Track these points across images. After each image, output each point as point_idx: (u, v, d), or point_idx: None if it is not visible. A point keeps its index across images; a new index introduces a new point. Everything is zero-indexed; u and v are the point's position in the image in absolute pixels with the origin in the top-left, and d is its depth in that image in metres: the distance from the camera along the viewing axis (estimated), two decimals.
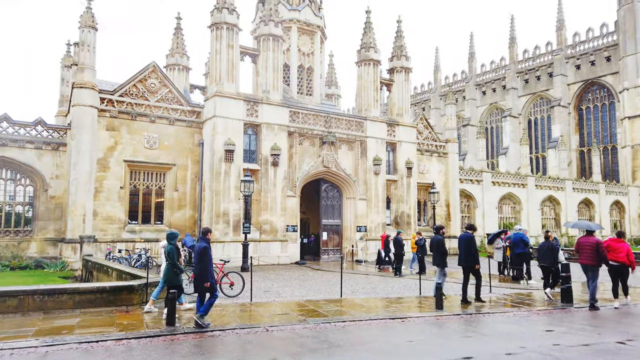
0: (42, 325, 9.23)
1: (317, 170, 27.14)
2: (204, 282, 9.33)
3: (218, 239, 23.47)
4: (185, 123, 25.23)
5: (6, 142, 22.25)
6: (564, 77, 56.78)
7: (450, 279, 18.95)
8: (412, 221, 30.62)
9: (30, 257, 22.15)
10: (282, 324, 9.72)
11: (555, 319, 11.02)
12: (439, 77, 72.32)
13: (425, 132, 34.45)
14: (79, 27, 22.97)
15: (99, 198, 22.75)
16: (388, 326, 10.00)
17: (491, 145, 64.11)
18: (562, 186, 44.69)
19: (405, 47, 32.19)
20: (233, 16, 25.10)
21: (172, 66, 32.93)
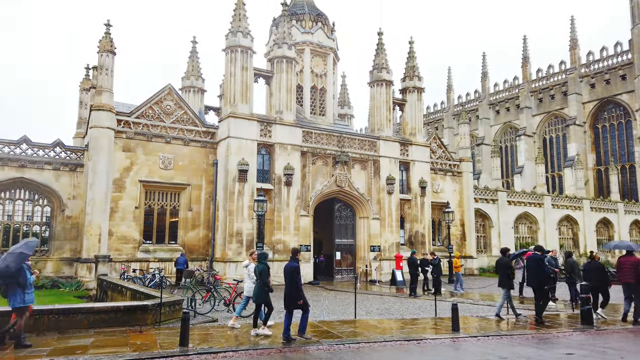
0: (56, 345, 9.26)
1: (330, 189, 27.14)
2: (296, 300, 9.93)
3: (231, 258, 23.47)
4: (200, 144, 25.54)
5: (25, 163, 22.71)
6: (578, 95, 56.37)
7: (466, 299, 18.64)
8: (427, 241, 30.30)
9: (47, 276, 22.33)
10: (295, 345, 9.61)
11: (575, 342, 10.72)
12: (452, 97, 72.35)
13: (438, 151, 34.35)
14: (97, 51, 23.58)
15: (114, 218, 22.99)
16: (403, 348, 9.82)
17: (506, 164, 63.57)
18: (579, 205, 43.96)
19: (417, 68, 32.39)
20: (247, 39, 25.58)
21: (188, 88, 33.51)
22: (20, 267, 8.86)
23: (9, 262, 8.76)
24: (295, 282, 9.94)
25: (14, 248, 9.23)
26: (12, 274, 8.76)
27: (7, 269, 8.72)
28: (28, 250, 9.14)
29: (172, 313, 12.25)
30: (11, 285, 8.85)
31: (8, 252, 9.10)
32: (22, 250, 9.01)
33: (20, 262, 8.86)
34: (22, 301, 8.96)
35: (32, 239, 9.72)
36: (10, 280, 8.81)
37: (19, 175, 22.55)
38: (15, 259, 8.83)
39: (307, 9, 31.60)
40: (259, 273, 10.47)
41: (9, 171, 22.36)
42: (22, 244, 9.37)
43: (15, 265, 8.76)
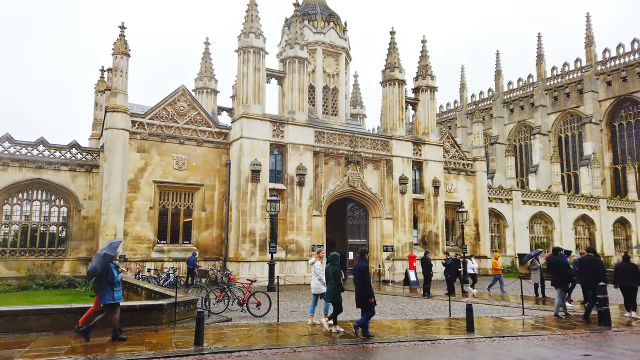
0: (74, 344, 9.39)
1: (342, 189, 27.12)
2: (368, 298, 10.37)
3: (245, 258, 23.59)
4: (213, 144, 25.71)
5: (42, 164, 23.07)
6: (594, 93, 55.52)
7: (480, 300, 18.49)
8: (440, 241, 30.11)
9: (63, 276, 22.67)
10: (309, 345, 9.63)
11: (592, 343, 10.56)
12: (465, 96, 71.76)
13: (452, 150, 34.11)
14: (112, 53, 23.87)
15: (129, 218, 23.25)
16: (417, 348, 9.78)
17: (520, 163, 62.85)
18: (596, 205, 43.31)
19: (430, 67, 32.22)
20: (259, 40, 25.68)
21: (201, 89, 33.75)
22: (106, 267, 9.63)
23: (95, 264, 9.57)
24: (365, 280, 10.49)
25: (100, 250, 9.93)
26: (100, 274, 9.56)
27: (94, 270, 9.56)
28: (111, 252, 9.84)
29: (187, 312, 12.35)
30: (101, 283, 9.64)
31: (96, 254, 9.88)
32: (106, 252, 9.72)
33: (105, 263, 9.61)
34: (112, 298, 9.72)
35: (115, 240, 10.34)
36: (99, 279, 9.61)
37: (36, 176, 22.92)
38: (100, 261, 9.58)
39: (319, 9, 31.61)
40: (333, 274, 11.10)
41: (26, 172, 22.73)
42: (107, 245, 10.03)
43: (100, 267, 9.52)
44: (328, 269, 11.27)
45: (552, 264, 14.32)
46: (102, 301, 9.71)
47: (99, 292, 9.75)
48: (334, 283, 11.04)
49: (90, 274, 9.67)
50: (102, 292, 9.67)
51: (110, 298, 9.66)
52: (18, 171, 22.57)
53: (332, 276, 11.06)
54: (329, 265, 11.29)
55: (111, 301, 9.68)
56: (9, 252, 22.37)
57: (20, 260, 22.29)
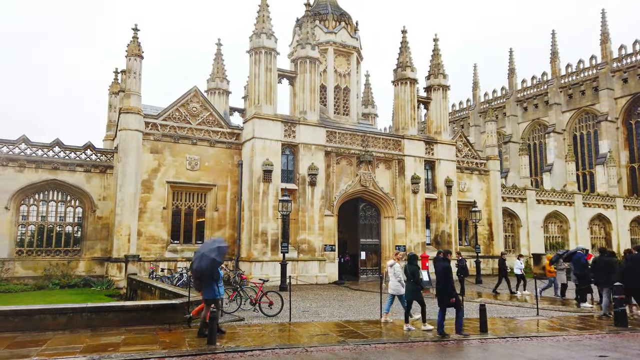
0: (89, 342, 9.52)
1: (354, 189, 27.09)
2: (450, 298, 10.73)
3: (257, 258, 23.68)
4: (225, 145, 25.86)
5: (58, 165, 23.41)
6: (610, 91, 54.64)
7: (494, 300, 18.33)
8: (453, 241, 29.91)
9: (79, 275, 22.98)
10: (321, 345, 9.64)
11: (608, 343, 10.41)
12: (478, 94, 71.11)
13: (464, 149, 33.86)
14: (126, 55, 24.14)
15: (143, 218, 23.48)
16: (430, 349, 9.73)
17: (534, 162, 62.09)
18: (612, 204, 42.64)
19: (442, 65, 32.02)
20: (271, 41, 25.75)
21: (213, 90, 33.95)
22: (212, 268, 10.32)
23: (204, 265, 10.21)
24: (448, 280, 10.84)
25: (208, 250, 10.49)
26: (208, 274, 10.24)
27: (201, 271, 10.23)
28: (220, 258, 10.51)
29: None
30: (206, 280, 10.31)
31: (202, 253, 10.43)
32: (214, 257, 10.33)
33: (214, 268, 10.37)
34: (214, 294, 10.43)
35: (223, 245, 10.88)
36: (205, 275, 10.26)
37: (52, 177, 23.26)
38: (210, 265, 10.24)
39: (331, 9, 31.60)
40: (411, 273, 11.47)
41: (42, 173, 23.08)
42: (215, 248, 10.55)
43: (208, 270, 10.23)
44: (406, 269, 11.72)
45: (600, 264, 14.10)
46: (205, 296, 10.36)
47: (203, 288, 10.37)
48: (413, 282, 11.47)
49: (197, 273, 10.32)
50: (207, 288, 10.33)
51: (212, 294, 10.35)
52: (34, 172, 22.93)
53: (411, 275, 11.49)
54: (407, 265, 11.76)
55: (213, 297, 10.36)
56: (26, 252, 22.74)
57: (37, 260, 22.65)
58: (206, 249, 10.57)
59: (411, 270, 11.53)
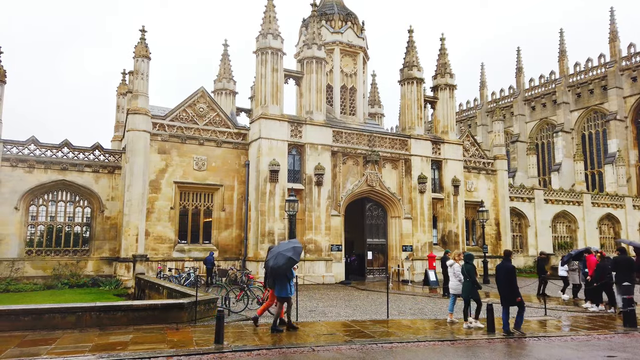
0: (98, 341, 9.61)
1: (361, 189, 27.07)
2: (515, 297, 11.05)
3: (263, 258, 23.63)
4: (232, 145, 25.95)
5: (67, 166, 23.62)
6: (619, 89, 54.15)
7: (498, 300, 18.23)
8: (460, 240, 29.80)
9: (87, 275, 23.17)
10: (328, 344, 9.66)
11: (617, 344, 10.34)
12: (485, 93, 70.75)
13: (472, 149, 33.73)
14: (133, 56, 24.30)
15: (150, 218, 23.63)
16: (437, 349, 9.72)
17: (542, 161, 61.68)
18: (621, 203, 42.28)
19: (449, 65, 31.92)
20: (277, 41, 25.81)
21: (220, 91, 34.07)
22: (289, 267, 10.85)
23: (281, 263, 10.70)
24: (511, 280, 11.12)
25: (284, 249, 11.03)
26: (282, 272, 10.74)
27: (278, 268, 10.69)
28: (297, 257, 11.01)
29: (207, 311, 12.51)
30: (280, 279, 10.84)
31: (279, 252, 10.94)
32: (291, 256, 10.82)
33: (290, 266, 10.87)
34: (289, 292, 10.97)
35: (298, 245, 11.43)
36: (279, 275, 10.78)
37: (61, 177, 23.47)
38: (287, 262, 10.74)
39: (337, 9, 31.60)
40: (467, 272, 11.83)
41: (51, 174, 23.30)
42: (290, 248, 11.10)
43: (285, 267, 10.75)
44: (463, 268, 12.06)
45: (621, 262, 13.99)
46: (280, 294, 10.87)
47: (276, 287, 10.89)
48: (469, 280, 11.80)
49: (273, 271, 10.78)
50: (280, 287, 10.86)
51: (286, 292, 10.87)
52: (43, 173, 23.15)
53: (467, 274, 11.84)
54: (463, 264, 12.12)
55: (286, 295, 10.88)
56: (35, 252, 22.97)
57: (46, 259, 22.86)
58: (282, 248, 11.09)
59: (467, 269, 11.94)
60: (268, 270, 11.16)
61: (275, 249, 11.30)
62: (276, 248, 11.35)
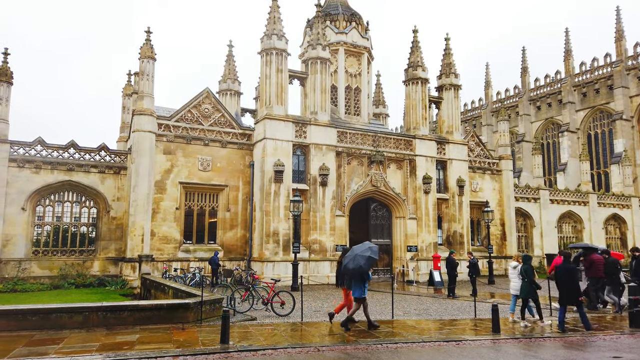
0: (105, 341, 9.68)
1: (365, 189, 27.08)
2: (578, 296, 11.68)
3: (269, 258, 23.80)
4: (237, 145, 26.02)
5: (73, 167, 23.76)
6: (625, 89, 53.87)
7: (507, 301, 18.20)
8: (465, 241, 29.76)
9: (93, 275, 23.30)
10: (333, 344, 9.69)
11: (623, 345, 10.31)
12: (490, 93, 70.53)
13: (477, 149, 33.66)
14: (139, 57, 24.41)
15: (156, 219, 23.73)
16: (442, 349, 9.72)
17: (548, 161, 61.42)
18: (627, 204, 42.06)
19: (454, 65, 31.87)
20: (282, 42, 25.86)
21: (224, 91, 34.18)
22: (369, 266, 11.19)
23: (362, 263, 11.05)
24: (574, 281, 11.65)
25: (361, 251, 11.40)
26: (363, 272, 11.11)
27: (360, 268, 11.04)
28: (375, 255, 11.36)
29: (213, 311, 12.56)
30: (358, 280, 11.21)
31: (357, 254, 11.32)
32: (370, 255, 11.21)
33: (371, 265, 11.24)
34: (364, 292, 11.33)
35: (374, 246, 11.72)
36: (357, 276, 11.15)
37: (67, 178, 23.62)
38: (367, 262, 11.10)
39: (341, 9, 31.62)
40: (525, 272, 12.23)
41: (58, 174, 23.45)
42: (367, 248, 11.47)
43: (366, 267, 11.11)
44: (521, 269, 12.45)
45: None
46: (356, 294, 11.25)
47: (353, 287, 11.27)
48: (527, 281, 12.20)
49: (353, 272, 11.11)
50: (357, 287, 11.23)
51: (361, 292, 11.24)
52: (50, 173, 23.30)
53: (525, 274, 12.24)
54: (522, 265, 12.52)
55: (361, 295, 11.24)
56: (42, 252, 23.12)
57: (53, 260, 23.01)
58: (358, 250, 11.40)
59: (525, 269, 12.31)
60: (347, 272, 11.46)
61: (351, 251, 11.68)
62: (353, 250, 11.70)
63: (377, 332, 11.20)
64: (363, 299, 11.41)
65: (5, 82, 22.86)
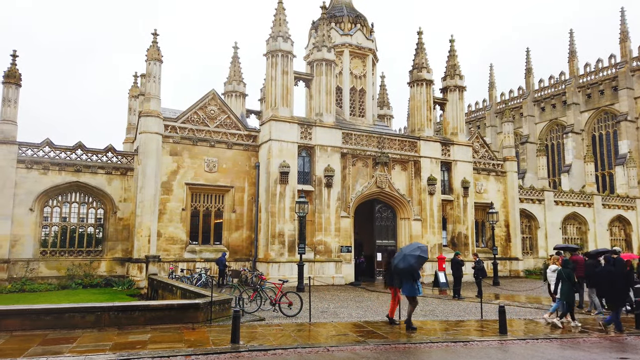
0: (117, 340, 9.82)
1: (370, 190, 27.17)
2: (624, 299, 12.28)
3: (274, 259, 23.92)
4: (242, 147, 26.17)
5: (80, 168, 23.95)
6: (630, 90, 53.78)
7: (512, 302, 18.27)
8: (470, 242, 29.81)
9: (100, 275, 23.48)
10: (341, 345, 9.80)
11: (630, 346, 10.38)
12: (494, 94, 70.49)
13: (481, 150, 33.71)
14: (145, 59, 24.59)
15: (162, 219, 23.89)
16: (450, 349, 9.82)
17: (552, 163, 61.33)
18: (632, 205, 42.01)
19: (458, 66, 31.94)
20: (287, 44, 26.00)
21: (230, 93, 34.34)
22: (419, 265, 11.55)
23: (412, 262, 11.37)
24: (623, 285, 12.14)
25: (410, 250, 11.61)
26: (414, 271, 11.45)
27: (410, 267, 11.37)
28: (425, 254, 11.68)
29: (222, 312, 12.68)
30: (406, 279, 11.54)
31: (406, 254, 11.63)
32: (420, 254, 11.49)
33: (421, 264, 11.58)
34: (415, 291, 11.65)
35: (423, 245, 12.00)
36: (407, 275, 11.48)
37: (74, 179, 23.81)
38: (417, 261, 11.41)
39: (346, 11, 31.75)
40: (567, 276, 12.65)
41: (65, 175, 23.64)
42: (416, 247, 11.79)
43: (417, 266, 11.47)
44: (561, 272, 12.83)
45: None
46: (409, 293, 11.62)
47: (404, 286, 11.62)
48: (568, 284, 12.59)
49: (403, 271, 11.41)
50: (408, 286, 11.57)
51: (412, 291, 11.60)
52: (58, 174, 23.49)
53: (567, 277, 12.64)
54: (562, 268, 12.96)
55: (413, 294, 11.59)
56: (50, 252, 23.31)
57: (60, 260, 23.19)
58: (407, 250, 11.69)
59: (566, 273, 12.73)
60: (398, 272, 11.72)
61: (400, 252, 12.01)
62: (402, 250, 12.04)
63: (385, 333, 11.30)
64: (415, 297, 11.73)
65: (13, 84, 23.07)
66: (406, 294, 11.74)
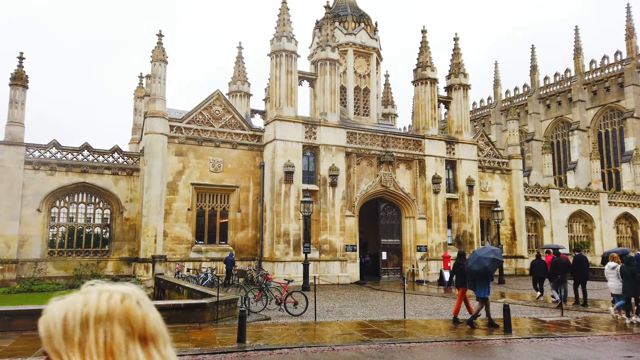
0: None
1: (375, 189, 27.21)
2: None
3: (279, 258, 24.02)
4: (247, 147, 26.27)
5: (87, 168, 24.15)
6: (636, 87, 53.45)
7: (517, 301, 18.28)
8: (475, 241, 29.78)
9: (107, 275, 23.66)
10: (347, 344, 9.86)
11: (635, 344, 10.38)
12: (499, 92, 70.24)
13: (486, 148, 33.65)
14: (150, 60, 24.74)
15: (168, 219, 24.05)
16: (455, 348, 9.86)
17: (558, 160, 61.05)
18: (638, 202, 41.78)
19: (462, 64, 31.88)
20: (291, 44, 26.07)
21: (234, 93, 34.44)
22: (494, 268, 11.83)
23: (487, 264, 11.59)
24: None
25: (484, 253, 11.99)
26: (488, 273, 11.66)
27: (485, 269, 11.59)
28: (500, 257, 12.01)
29: (228, 311, 12.79)
30: (480, 281, 11.78)
31: (480, 256, 11.86)
32: (494, 257, 11.80)
33: (495, 267, 11.90)
34: (487, 293, 11.91)
35: (496, 248, 12.34)
36: (481, 277, 11.68)
37: (81, 180, 24.00)
38: (492, 263, 11.66)
39: (350, 10, 31.75)
40: (631, 273, 12.75)
41: (72, 176, 23.84)
42: (490, 250, 12.09)
43: (491, 268, 11.68)
44: (624, 269, 12.89)
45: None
46: (480, 294, 11.90)
47: (477, 288, 11.87)
48: (632, 281, 12.64)
49: (477, 273, 11.66)
50: (482, 288, 11.85)
51: (485, 293, 11.88)
52: (64, 175, 23.69)
53: (630, 275, 12.71)
54: (624, 265, 13.03)
55: (485, 295, 11.88)
56: (57, 252, 23.53)
57: (68, 260, 23.41)
58: (481, 253, 11.95)
59: (630, 270, 12.79)
60: (472, 274, 11.96)
61: (473, 254, 12.25)
62: (476, 253, 12.27)
63: (390, 332, 11.36)
64: (486, 299, 12.01)
65: (20, 86, 23.27)
66: (479, 295, 12.04)
